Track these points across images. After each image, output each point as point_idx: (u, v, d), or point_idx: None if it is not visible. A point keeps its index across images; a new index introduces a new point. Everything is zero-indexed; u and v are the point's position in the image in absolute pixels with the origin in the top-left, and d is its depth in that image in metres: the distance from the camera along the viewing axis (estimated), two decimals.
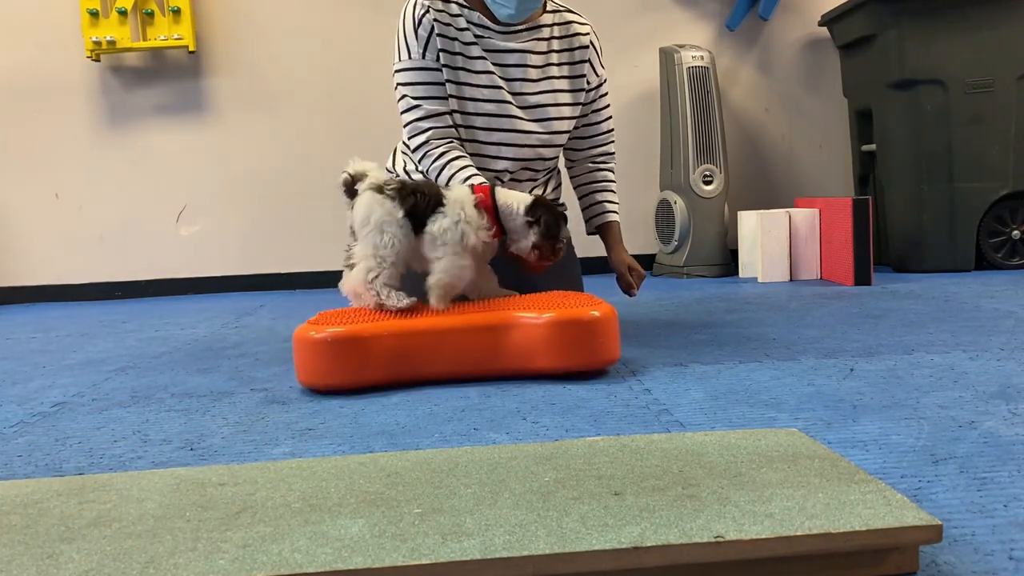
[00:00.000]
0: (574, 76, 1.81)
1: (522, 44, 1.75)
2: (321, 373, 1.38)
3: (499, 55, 1.74)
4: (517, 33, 1.75)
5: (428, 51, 1.70)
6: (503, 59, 1.74)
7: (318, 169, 3.41)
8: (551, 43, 1.79)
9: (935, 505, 0.79)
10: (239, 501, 0.74)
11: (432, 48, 1.69)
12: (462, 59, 1.71)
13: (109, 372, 1.74)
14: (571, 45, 1.81)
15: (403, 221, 1.45)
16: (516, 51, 1.75)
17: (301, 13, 3.39)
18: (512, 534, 0.64)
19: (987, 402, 1.15)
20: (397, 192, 1.46)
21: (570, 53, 1.81)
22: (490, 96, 1.72)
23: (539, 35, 1.78)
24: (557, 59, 1.80)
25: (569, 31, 1.82)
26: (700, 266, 3.14)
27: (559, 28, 1.80)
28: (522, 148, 1.75)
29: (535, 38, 1.77)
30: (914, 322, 1.85)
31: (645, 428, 1.11)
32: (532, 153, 1.77)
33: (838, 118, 3.47)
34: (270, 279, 3.48)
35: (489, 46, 1.73)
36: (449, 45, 1.70)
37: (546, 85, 1.77)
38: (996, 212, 2.87)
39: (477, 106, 1.71)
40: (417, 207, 1.46)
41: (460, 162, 1.67)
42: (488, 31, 1.73)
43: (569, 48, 1.81)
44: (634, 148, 3.46)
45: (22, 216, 3.43)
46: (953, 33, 2.80)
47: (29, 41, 3.36)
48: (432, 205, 1.46)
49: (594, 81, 1.85)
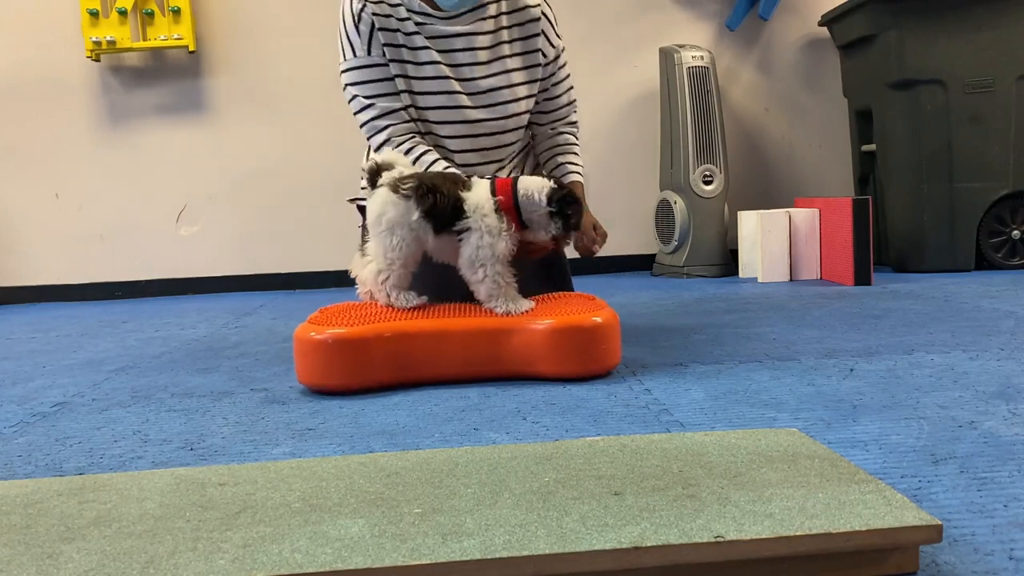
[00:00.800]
0: (528, 52, 1.74)
1: (467, 27, 1.69)
2: (321, 374, 1.38)
3: (443, 41, 1.67)
4: (460, 16, 1.68)
5: (372, 47, 1.65)
6: (449, 44, 1.67)
7: (318, 169, 3.41)
8: (500, 20, 1.72)
9: (935, 505, 0.79)
10: (239, 501, 0.74)
11: (376, 43, 1.65)
12: (406, 51, 1.66)
13: (109, 372, 1.74)
14: (521, 19, 1.73)
15: (418, 222, 1.44)
16: (462, 35, 1.68)
17: (301, 13, 3.39)
18: (512, 534, 0.64)
19: (987, 402, 1.15)
20: (414, 191, 1.43)
21: (521, 28, 1.73)
22: (439, 88, 1.67)
23: (484, 14, 1.70)
24: (508, 36, 1.72)
25: (517, 5, 1.73)
26: (700, 266, 3.14)
27: (506, 3, 1.73)
28: (478, 138, 1.71)
29: (480, 18, 1.70)
30: (914, 322, 1.85)
31: (645, 428, 1.11)
32: (490, 141, 1.72)
33: (838, 118, 3.47)
34: (270, 279, 3.48)
35: (432, 32, 1.67)
36: (391, 38, 1.65)
37: (498, 67, 1.71)
38: (996, 212, 2.87)
39: (427, 99, 1.67)
40: (436, 208, 1.43)
41: (428, 156, 1.64)
42: (429, 17, 1.67)
43: (520, 23, 1.73)
44: (634, 148, 3.46)
45: (22, 216, 3.43)
46: (953, 33, 2.80)
47: (29, 41, 3.35)
48: (452, 207, 1.43)
49: (551, 54, 1.78)
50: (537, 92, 1.78)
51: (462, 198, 1.44)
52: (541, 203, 1.46)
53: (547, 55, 1.78)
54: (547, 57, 1.78)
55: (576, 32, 3.30)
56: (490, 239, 1.43)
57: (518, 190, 1.46)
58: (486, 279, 1.44)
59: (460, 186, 1.45)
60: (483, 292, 1.46)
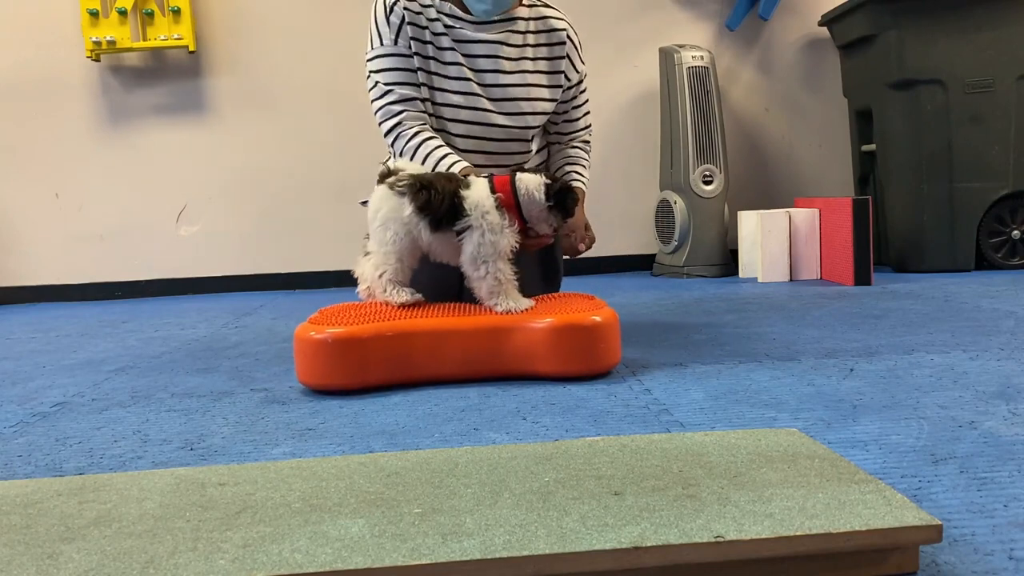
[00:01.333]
0: (552, 72, 1.79)
1: (495, 36, 1.73)
2: (321, 374, 1.38)
3: (470, 46, 1.72)
4: (490, 24, 1.73)
5: (400, 38, 1.69)
6: (474, 50, 1.72)
7: (318, 169, 3.41)
8: (527, 37, 1.77)
9: (935, 505, 0.79)
10: (239, 501, 0.74)
11: (404, 36, 1.69)
12: (432, 48, 1.70)
13: (109, 372, 1.74)
14: (549, 40, 1.79)
15: (410, 217, 1.44)
16: (488, 42, 1.73)
17: (301, 13, 3.39)
18: (512, 534, 0.64)
19: (987, 402, 1.15)
20: (408, 188, 1.44)
21: (549, 48, 1.78)
22: (459, 88, 1.71)
23: (514, 27, 1.75)
24: (533, 53, 1.77)
25: (547, 25, 1.79)
26: (700, 266, 3.14)
27: (535, 23, 1.79)
28: (489, 141, 1.74)
29: (509, 30, 1.75)
30: (914, 322, 1.85)
31: (645, 428, 1.11)
32: (500, 147, 1.75)
33: (838, 118, 3.47)
34: (270, 279, 3.48)
35: (460, 36, 1.71)
36: (419, 34, 1.69)
37: (519, 78, 1.75)
38: (996, 212, 2.87)
39: (445, 96, 1.70)
40: (431, 204, 1.43)
41: (434, 142, 1.66)
42: (459, 21, 1.72)
43: (548, 43, 1.79)
44: (634, 148, 3.46)
45: (22, 216, 3.42)
46: (953, 33, 2.80)
47: (29, 41, 3.35)
48: (449, 203, 1.43)
49: (574, 78, 1.83)
50: (555, 111, 1.83)
51: (461, 196, 1.44)
52: (540, 200, 1.47)
53: (570, 79, 1.83)
54: (570, 80, 1.83)
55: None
56: (492, 236, 1.43)
57: (517, 187, 1.47)
58: (487, 276, 1.44)
59: (458, 184, 1.45)
60: (484, 289, 1.46)
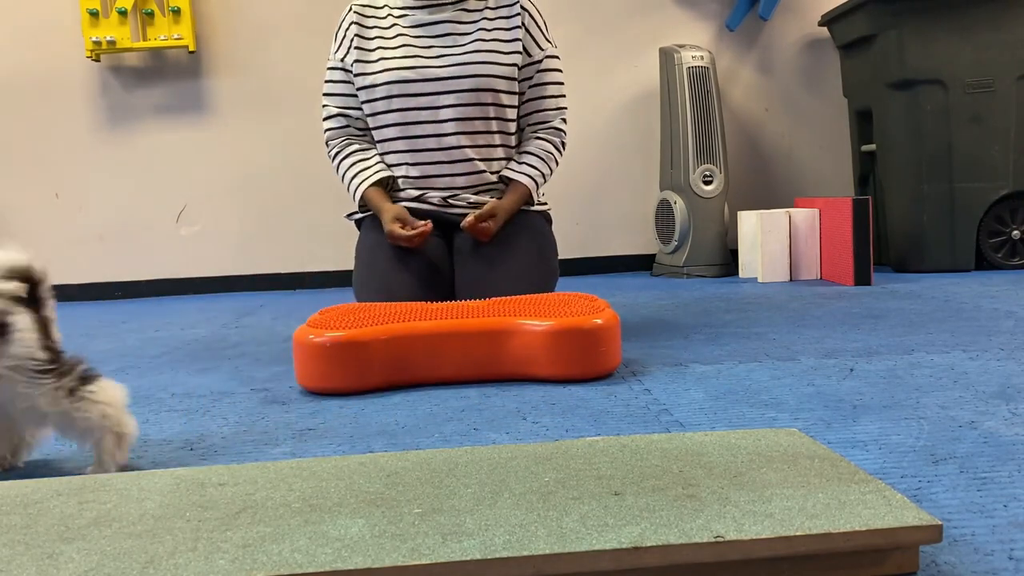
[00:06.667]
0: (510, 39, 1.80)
1: (448, 15, 1.81)
2: (320, 377, 1.38)
3: (423, 28, 1.80)
4: (442, 7, 1.81)
5: (342, 50, 1.83)
6: (429, 31, 1.80)
7: (318, 169, 3.40)
8: (484, 12, 1.82)
9: (935, 505, 0.79)
10: (239, 501, 0.74)
11: (345, 47, 1.82)
12: (379, 41, 1.80)
13: (109, 372, 1.73)
14: (505, 14, 1.82)
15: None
16: (442, 22, 1.80)
17: (301, 13, 3.39)
18: (512, 534, 0.64)
19: (987, 402, 1.15)
20: None
21: (506, 20, 1.82)
22: (403, 53, 1.78)
23: (467, 6, 1.82)
24: (489, 25, 1.81)
25: (499, 2, 1.83)
26: (700, 266, 3.14)
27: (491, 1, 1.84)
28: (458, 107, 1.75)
29: (463, 9, 1.81)
30: (914, 322, 1.85)
31: (645, 428, 1.11)
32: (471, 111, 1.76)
33: (838, 118, 3.47)
34: (270, 279, 3.47)
35: (412, 22, 1.81)
36: (365, 34, 1.81)
37: (476, 44, 1.78)
38: (996, 212, 2.87)
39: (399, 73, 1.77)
40: None
41: (351, 159, 1.82)
42: (411, 10, 1.81)
43: (504, 16, 1.82)
44: (634, 148, 3.46)
45: (22, 216, 3.42)
46: (953, 33, 2.80)
47: (29, 41, 3.35)
48: None
49: (536, 54, 1.82)
50: (520, 92, 1.83)
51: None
52: None
53: (532, 54, 1.81)
54: (531, 56, 1.81)
55: (576, 32, 3.30)
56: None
57: None
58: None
59: None
60: None
